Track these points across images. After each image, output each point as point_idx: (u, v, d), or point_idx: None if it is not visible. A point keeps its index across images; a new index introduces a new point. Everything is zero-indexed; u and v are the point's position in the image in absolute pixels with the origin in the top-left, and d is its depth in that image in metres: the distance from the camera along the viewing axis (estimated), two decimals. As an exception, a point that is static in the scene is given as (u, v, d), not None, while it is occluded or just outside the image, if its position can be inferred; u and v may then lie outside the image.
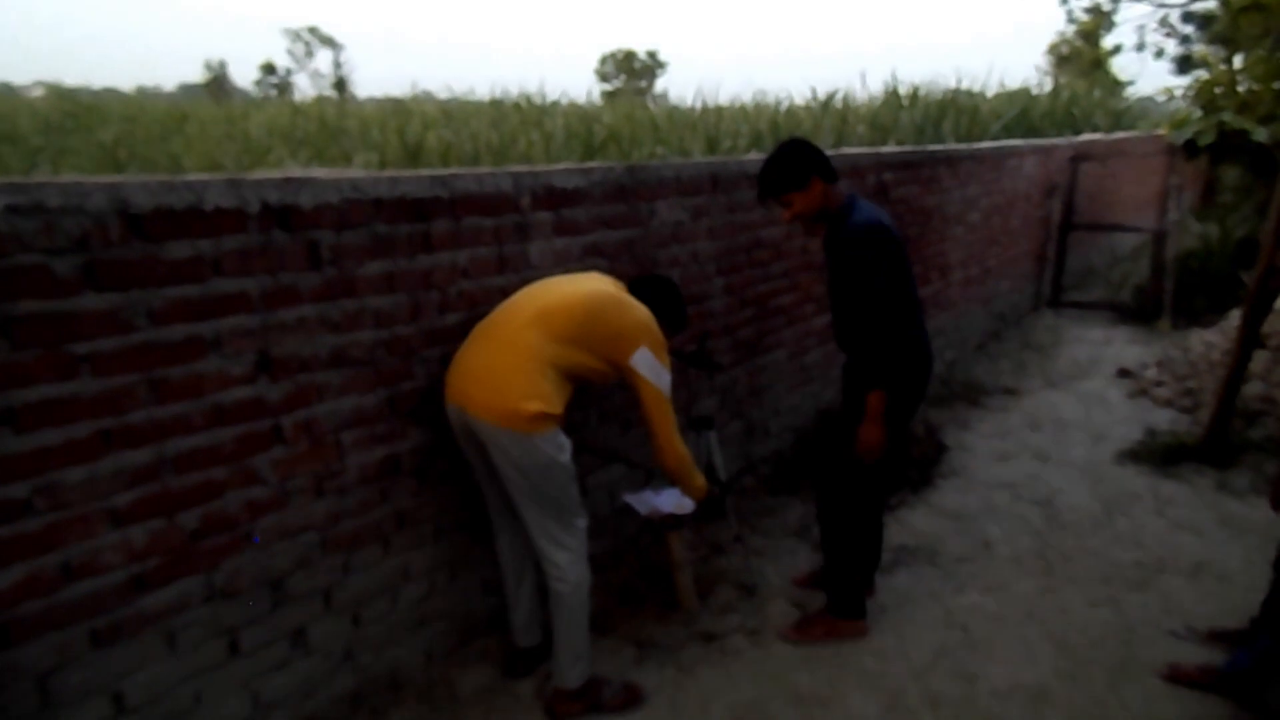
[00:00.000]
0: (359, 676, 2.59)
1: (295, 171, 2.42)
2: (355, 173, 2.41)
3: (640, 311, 2.59)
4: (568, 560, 2.52)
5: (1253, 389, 4.95)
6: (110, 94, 27.01)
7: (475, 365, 2.43)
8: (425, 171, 2.63)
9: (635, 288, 2.73)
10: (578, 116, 7.95)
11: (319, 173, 2.31)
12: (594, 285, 2.60)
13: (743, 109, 8.77)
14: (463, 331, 2.57)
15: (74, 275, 1.80)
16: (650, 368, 2.53)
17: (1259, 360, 5.05)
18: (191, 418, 2.04)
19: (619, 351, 2.50)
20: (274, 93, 45.60)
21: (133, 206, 1.86)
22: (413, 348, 2.54)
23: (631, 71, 52.11)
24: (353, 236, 2.32)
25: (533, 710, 2.67)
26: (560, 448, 2.44)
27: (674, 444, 2.62)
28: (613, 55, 53.01)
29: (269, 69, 53.27)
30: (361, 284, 2.36)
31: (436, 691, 2.73)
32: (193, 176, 2.00)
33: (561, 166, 3.01)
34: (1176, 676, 2.75)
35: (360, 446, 2.45)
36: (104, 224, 1.82)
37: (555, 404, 2.39)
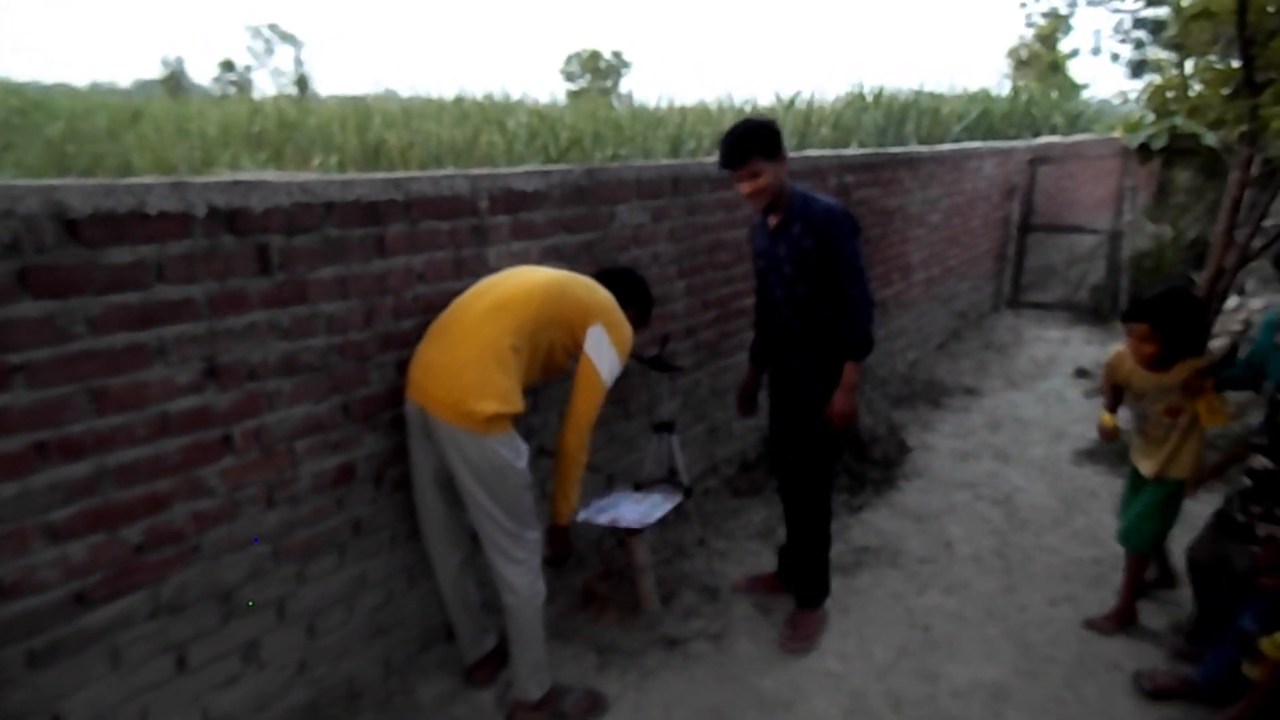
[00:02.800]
0: (315, 688, 2.53)
1: (244, 174, 2.36)
2: (306, 175, 2.36)
3: (605, 294, 2.57)
4: (519, 574, 2.48)
5: (1204, 387, 5.04)
6: (62, 89, 26.25)
7: (433, 361, 2.40)
8: (379, 174, 2.58)
9: (601, 279, 2.70)
10: (540, 116, 7.89)
11: (269, 175, 2.26)
12: (554, 272, 2.57)
13: (707, 110, 8.78)
14: (419, 336, 2.53)
15: (7, 282, 1.72)
16: (598, 346, 2.47)
17: (1210, 359, 5.15)
18: (134, 428, 1.98)
19: (580, 325, 2.46)
20: (233, 90, 44.71)
21: (69, 211, 1.79)
22: (367, 353, 2.48)
23: (596, 71, 51.91)
24: (304, 240, 2.26)
25: (495, 719, 2.64)
26: (517, 452, 2.41)
27: (582, 431, 2.50)
28: (578, 55, 52.78)
29: (228, 66, 52.20)
30: (313, 289, 2.31)
31: (395, 701, 2.69)
32: (134, 180, 1.94)
33: (520, 169, 2.98)
34: (1158, 690, 2.74)
35: (314, 454, 2.39)
36: (37, 229, 1.75)
37: (513, 401, 2.35)
